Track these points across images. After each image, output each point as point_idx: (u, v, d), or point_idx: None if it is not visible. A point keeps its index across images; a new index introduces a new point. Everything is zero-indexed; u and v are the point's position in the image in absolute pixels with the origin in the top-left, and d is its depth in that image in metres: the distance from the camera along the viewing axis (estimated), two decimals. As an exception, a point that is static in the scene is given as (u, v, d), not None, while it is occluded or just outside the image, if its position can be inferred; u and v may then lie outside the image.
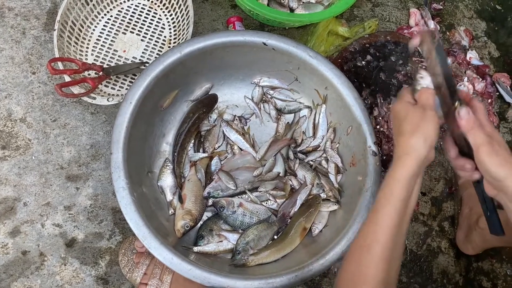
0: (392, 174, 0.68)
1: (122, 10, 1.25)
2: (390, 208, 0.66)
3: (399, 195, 0.66)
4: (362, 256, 0.66)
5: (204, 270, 0.87)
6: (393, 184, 0.67)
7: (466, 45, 1.40)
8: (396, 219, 0.66)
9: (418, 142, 0.66)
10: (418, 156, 0.66)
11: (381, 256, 0.64)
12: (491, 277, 1.20)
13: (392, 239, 0.65)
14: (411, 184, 0.67)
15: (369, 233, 0.67)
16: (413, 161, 0.66)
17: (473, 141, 0.64)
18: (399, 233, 0.67)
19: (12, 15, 1.21)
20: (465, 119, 0.65)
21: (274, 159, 1.10)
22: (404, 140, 0.68)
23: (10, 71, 1.16)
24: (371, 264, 0.64)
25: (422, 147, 0.66)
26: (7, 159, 1.10)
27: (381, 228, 0.66)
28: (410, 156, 0.67)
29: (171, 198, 1.05)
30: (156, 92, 1.01)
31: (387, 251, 0.64)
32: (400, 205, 0.66)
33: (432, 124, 0.67)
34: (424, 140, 0.66)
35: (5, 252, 1.04)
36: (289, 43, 1.04)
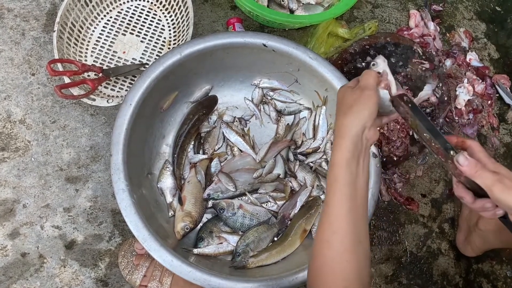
0: (332, 160, 0.67)
1: (122, 11, 1.24)
2: (338, 195, 0.65)
3: (343, 180, 0.65)
4: (324, 251, 0.65)
5: (204, 272, 0.87)
6: (334, 169, 0.66)
7: (466, 47, 1.40)
8: (347, 204, 0.64)
9: (351, 122, 0.66)
10: (351, 136, 0.66)
11: (343, 248, 0.63)
12: (491, 278, 1.19)
13: (349, 226, 0.64)
14: (352, 165, 0.66)
15: (325, 226, 0.66)
16: (347, 142, 0.65)
17: (483, 184, 0.63)
18: (356, 218, 0.65)
19: (11, 16, 1.21)
20: (466, 166, 0.63)
21: (274, 160, 1.10)
22: (338, 122, 0.68)
23: (10, 72, 1.16)
24: (335, 257, 0.63)
25: (354, 127, 0.66)
26: (6, 160, 1.10)
27: (335, 218, 0.65)
28: (343, 137, 0.66)
29: (171, 200, 1.05)
30: (156, 94, 1.01)
31: (347, 240, 0.63)
32: (347, 190, 0.65)
33: (367, 103, 0.67)
34: (358, 120, 0.66)
35: (5, 254, 1.04)
36: (289, 44, 1.04)
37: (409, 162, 1.25)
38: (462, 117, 1.29)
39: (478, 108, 1.31)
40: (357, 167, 0.66)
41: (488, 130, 1.33)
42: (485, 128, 1.32)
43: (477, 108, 1.31)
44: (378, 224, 1.18)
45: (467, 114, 1.30)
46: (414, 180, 1.24)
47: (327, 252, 0.64)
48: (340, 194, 0.65)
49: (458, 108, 1.30)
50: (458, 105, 1.30)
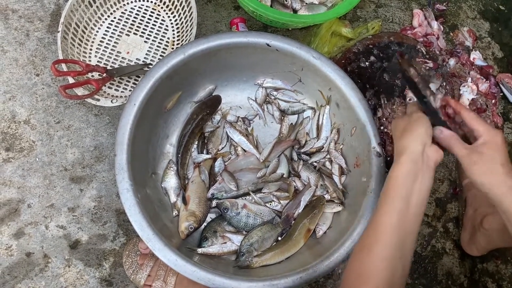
0: (389, 174, 0.71)
1: (126, 12, 1.25)
2: (389, 207, 0.67)
3: (397, 193, 0.68)
4: (364, 256, 0.66)
5: (208, 271, 0.87)
6: (390, 183, 0.69)
7: (470, 46, 1.40)
8: (395, 217, 0.66)
9: (408, 140, 0.70)
10: (410, 152, 0.69)
11: (382, 256, 0.64)
12: (496, 278, 1.19)
13: (393, 238, 0.65)
14: (408, 181, 0.68)
15: (370, 233, 0.68)
16: (406, 158, 0.69)
17: (455, 154, 0.69)
18: (402, 232, 0.66)
19: (16, 17, 1.22)
20: (440, 139, 0.69)
21: (278, 160, 1.10)
22: (398, 143, 0.73)
23: (14, 73, 1.17)
24: (372, 263, 0.64)
25: (412, 144, 0.70)
26: (11, 161, 1.10)
27: (380, 227, 0.66)
28: (403, 154, 0.70)
29: (175, 199, 1.05)
30: (159, 94, 1.01)
31: (388, 250, 0.65)
32: (398, 204, 0.67)
33: (420, 122, 0.72)
34: (414, 138, 0.70)
35: (9, 254, 1.04)
36: (292, 44, 1.04)
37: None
38: (466, 116, 1.29)
39: (482, 107, 1.31)
40: (414, 184, 0.69)
41: (493, 129, 1.32)
42: (489, 127, 1.32)
43: (481, 107, 1.31)
44: (382, 223, 1.18)
45: (471, 113, 1.29)
46: (418, 179, 1.23)
47: (367, 256, 0.66)
48: (390, 206, 0.67)
49: (462, 107, 1.29)
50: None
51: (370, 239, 0.67)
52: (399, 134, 0.73)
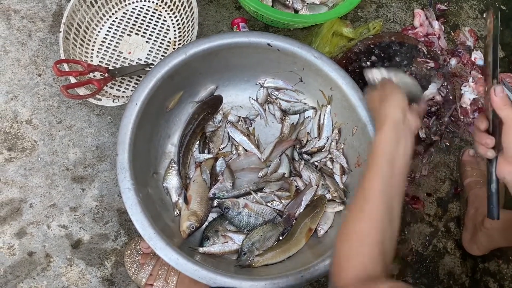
0: (374, 141, 0.74)
1: (127, 12, 1.25)
2: (375, 172, 0.70)
3: (382, 158, 0.71)
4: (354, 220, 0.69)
5: (210, 270, 0.87)
6: (375, 149, 0.72)
7: (471, 46, 1.40)
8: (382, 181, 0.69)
9: (388, 109, 0.74)
10: (391, 119, 0.73)
11: (373, 218, 0.67)
12: (497, 278, 1.19)
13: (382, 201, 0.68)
14: (392, 146, 0.72)
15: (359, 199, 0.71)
16: (388, 125, 0.73)
17: (505, 115, 0.67)
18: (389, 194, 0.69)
19: (18, 18, 1.22)
20: (500, 96, 0.67)
21: (279, 160, 1.10)
22: (378, 113, 0.76)
23: (16, 73, 1.17)
24: (363, 225, 0.67)
25: (394, 112, 0.73)
26: (13, 160, 1.11)
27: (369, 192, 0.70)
28: (385, 122, 0.73)
29: (176, 199, 1.05)
30: (161, 93, 1.01)
31: (378, 213, 0.68)
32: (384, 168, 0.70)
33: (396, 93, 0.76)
34: (394, 106, 0.74)
35: (12, 253, 1.05)
36: (294, 44, 1.04)
37: (414, 161, 1.24)
38: (467, 116, 1.29)
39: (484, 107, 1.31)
40: (397, 148, 0.72)
41: (494, 129, 1.32)
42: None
43: (483, 107, 1.31)
44: (384, 223, 1.18)
45: (473, 113, 1.30)
46: (419, 179, 1.24)
47: (357, 221, 0.68)
48: (377, 171, 0.70)
49: (463, 107, 1.29)
50: (463, 104, 1.29)
51: (360, 203, 0.70)
52: (377, 104, 0.77)
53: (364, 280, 0.62)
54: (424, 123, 1.19)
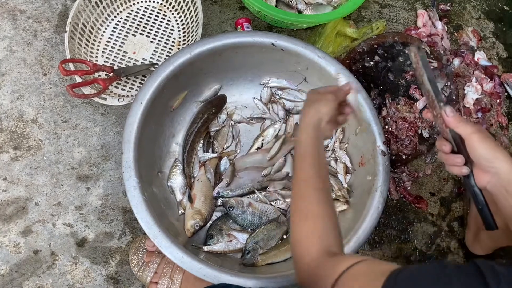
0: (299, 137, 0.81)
1: (132, 12, 1.26)
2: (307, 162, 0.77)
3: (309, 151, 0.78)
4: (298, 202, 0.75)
5: (214, 268, 0.88)
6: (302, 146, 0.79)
7: (474, 46, 1.40)
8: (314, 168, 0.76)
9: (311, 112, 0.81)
10: (312, 122, 0.80)
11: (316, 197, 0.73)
12: (501, 277, 1.19)
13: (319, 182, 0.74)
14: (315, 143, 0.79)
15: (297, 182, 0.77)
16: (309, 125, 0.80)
17: (464, 132, 0.71)
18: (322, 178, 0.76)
19: (24, 18, 1.23)
20: (451, 116, 0.71)
21: (284, 159, 1.10)
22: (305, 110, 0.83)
23: (22, 72, 1.18)
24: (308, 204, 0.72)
25: (313, 116, 0.80)
26: (19, 159, 1.11)
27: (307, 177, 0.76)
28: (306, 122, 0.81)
29: (181, 198, 1.06)
30: (166, 93, 1.02)
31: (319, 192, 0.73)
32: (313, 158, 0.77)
33: (326, 104, 0.81)
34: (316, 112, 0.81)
35: (17, 251, 1.05)
36: (297, 43, 1.05)
37: (417, 161, 1.25)
38: (470, 116, 1.29)
39: (487, 107, 1.31)
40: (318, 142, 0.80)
41: (497, 129, 1.32)
42: (494, 127, 1.32)
43: (486, 107, 1.31)
44: (387, 222, 1.18)
45: (476, 113, 1.30)
46: (423, 178, 1.24)
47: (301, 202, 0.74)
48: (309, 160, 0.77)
49: (466, 107, 1.29)
50: (466, 104, 1.29)
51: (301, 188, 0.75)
52: (310, 103, 0.83)
53: (328, 254, 0.66)
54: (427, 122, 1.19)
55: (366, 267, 0.61)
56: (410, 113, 1.20)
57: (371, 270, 0.60)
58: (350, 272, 0.60)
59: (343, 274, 0.60)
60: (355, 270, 0.60)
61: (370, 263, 0.62)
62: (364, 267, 0.60)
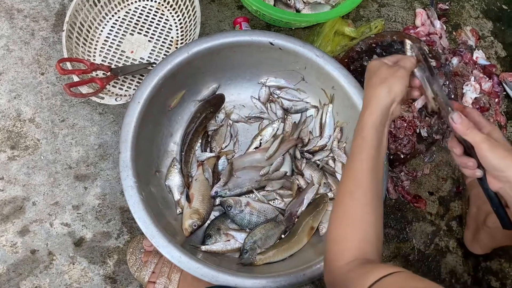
0: (361, 123, 0.72)
1: (130, 12, 1.26)
2: (364, 154, 0.70)
3: (370, 142, 0.70)
4: (347, 201, 0.69)
5: (212, 268, 0.88)
6: (363, 131, 0.71)
7: (473, 45, 1.40)
8: (371, 163, 0.69)
9: (382, 92, 0.71)
10: (380, 104, 0.71)
11: (365, 200, 0.67)
12: (499, 276, 1.19)
13: (372, 183, 0.68)
14: (379, 131, 0.71)
15: (349, 180, 0.70)
16: (377, 110, 0.71)
17: (472, 140, 0.68)
18: (377, 178, 0.70)
19: (21, 17, 1.23)
20: (459, 123, 0.68)
21: (282, 158, 1.10)
22: (371, 90, 0.73)
23: (19, 71, 1.18)
24: (356, 208, 0.67)
25: (385, 97, 0.71)
26: (16, 159, 1.11)
27: (359, 174, 0.69)
28: (374, 106, 0.72)
29: (178, 197, 1.05)
30: (164, 92, 1.02)
31: (369, 195, 0.68)
32: (373, 151, 0.70)
33: (400, 79, 0.72)
34: (388, 91, 0.71)
35: (14, 251, 1.05)
36: (296, 42, 1.05)
37: (416, 160, 1.25)
38: (469, 115, 1.29)
39: (485, 106, 1.31)
40: (383, 134, 0.72)
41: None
42: (493, 126, 1.32)
43: (484, 106, 1.31)
44: (386, 221, 1.18)
45: (474, 112, 1.29)
46: (421, 178, 1.24)
47: (349, 202, 0.68)
48: (366, 154, 0.69)
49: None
50: (465, 103, 1.29)
51: (351, 185, 0.69)
52: (377, 81, 0.73)
53: (362, 261, 0.63)
54: (426, 122, 1.19)
55: (398, 282, 0.57)
56: (408, 112, 1.20)
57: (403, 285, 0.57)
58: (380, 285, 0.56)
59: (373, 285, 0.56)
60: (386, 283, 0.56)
61: (403, 277, 0.58)
62: (396, 281, 0.57)
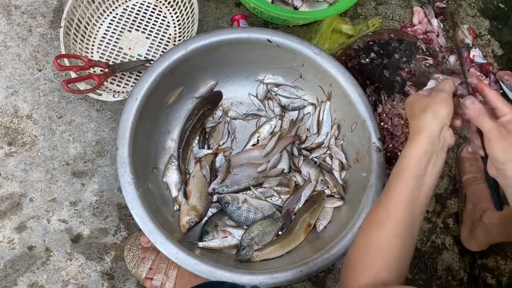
0: (404, 153, 0.70)
1: (128, 8, 1.25)
2: (402, 186, 0.67)
3: (411, 172, 0.68)
4: (374, 232, 0.67)
5: (209, 264, 0.88)
6: (405, 162, 0.69)
7: (470, 43, 1.41)
8: (408, 196, 0.67)
9: (428, 120, 0.69)
10: (428, 132, 0.68)
11: (393, 233, 0.65)
12: (495, 273, 1.19)
13: (405, 216, 0.66)
14: (423, 161, 0.68)
15: (381, 210, 0.68)
16: (423, 138, 0.68)
17: (481, 127, 0.67)
18: (413, 212, 0.67)
19: (18, 13, 1.22)
20: (471, 109, 0.67)
21: (280, 155, 1.10)
22: (415, 121, 0.71)
23: (17, 68, 1.17)
24: (383, 239, 0.65)
25: (432, 124, 0.69)
26: (13, 155, 1.11)
27: (393, 205, 0.67)
28: (420, 133, 0.69)
29: (176, 194, 1.05)
30: (161, 89, 1.02)
31: (400, 228, 0.65)
32: (412, 183, 0.67)
33: (442, 103, 0.69)
34: (434, 117, 0.69)
35: (12, 247, 1.05)
36: (293, 40, 1.05)
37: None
38: (466, 113, 1.29)
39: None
40: (428, 164, 0.69)
41: (492, 126, 1.33)
42: (489, 124, 1.32)
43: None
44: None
45: (471, 110, 1.30)
46: (418, 175, 1.24)
47: (376, 234, 0.66)
48: (403, 185, 0.67)
49: (462, 104, 1.30)
50: (462, 101, 1.30)
51: (381, 216, 0.67)
52: (419, 111, 0.71)
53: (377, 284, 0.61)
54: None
55: None
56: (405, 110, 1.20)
57: None
58: None
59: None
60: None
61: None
62: None
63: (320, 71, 1.07)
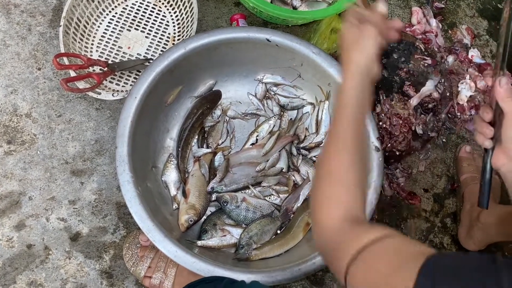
0: (342, 87, 0.73)
1: (127, 7, 1.26)
2: (348, 117, 0.70)
3: (352, 104, 0.70)
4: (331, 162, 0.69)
5: (208, 263, 0.88)
6: (345, 96, 0.72)
7: (468, 44, 1.41)
8: (354, 125, 0.70)
9: (356, 55, 0.73)
10: (358, 66, 0.72)
11: (350, 160, 0.67)
12: (493, 273, 1.20)
13: (355, 144, 0.69)
14: (359, 92, 0.71)
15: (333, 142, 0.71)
16: (354, 72, 0.72)
17: (507, 108, 0.67)
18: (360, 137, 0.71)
19: (18, 12, 1.22)
20: (504, 88, 0.68)
21: (279, 154, 1.11)
22: (345, 57, 0.75)
23: (16, 66, 1.18)
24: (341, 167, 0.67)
25: (360, 59, 0.72)
26: (12, 153, 1.11)
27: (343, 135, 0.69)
28: (351, 68, 0.73)
29: (175, 193, 1.06)
30: (160, 88, 1.02)
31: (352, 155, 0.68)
32: (354, 114, 0.70)
33: (370, 39, 0.73)
34: (361, 53, 0.73)
35: (11, 245, 1.05)
36: (292, 39, 1.05)
37: (411, 157, 1.25)
38: (464, 113, 1.30)
39: (480, 104, 1.32)
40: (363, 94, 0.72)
41: (490, 126, 1.33)
42: (487, 124, 1.33)
43: (479, 104, 1.32)
44: (381, 218, 1.19)
45: (469, 110, 1.31)
46: (416, 175, 1.25)
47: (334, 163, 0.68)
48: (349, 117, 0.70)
49: (460, 104, 1.30)
50: (460, 101, 1.30)
51: (334, 146, 0.70)
52: (347, 45, 0.75)
53: (351, 221, 0.62)
54: (421, 119, 1.20)
55: (396, 245, 0.54)
56: (404, 110, 1.20)
57: (402, 249, 0.53)
58: (378, 246, 0.54)
59: (368, 247, 0.54)
60: (384, 244, 0.54)
61: (401, 241, 0.55)
62: (394, 243, 0.54)
63: (319, 71, 1.08)
